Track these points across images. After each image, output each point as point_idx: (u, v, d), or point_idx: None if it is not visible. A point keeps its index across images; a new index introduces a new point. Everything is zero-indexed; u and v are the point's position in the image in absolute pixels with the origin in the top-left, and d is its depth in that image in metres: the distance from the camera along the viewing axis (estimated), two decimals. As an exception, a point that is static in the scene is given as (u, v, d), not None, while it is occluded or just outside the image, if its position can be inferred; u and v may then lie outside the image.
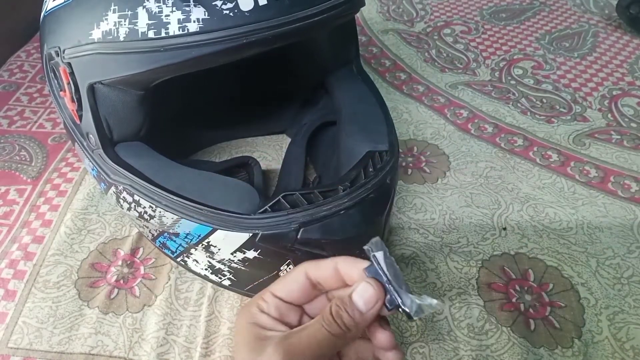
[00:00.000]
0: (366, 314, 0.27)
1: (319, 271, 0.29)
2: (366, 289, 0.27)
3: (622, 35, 0.77)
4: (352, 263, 0.29)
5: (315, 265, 0.30)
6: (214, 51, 0.31)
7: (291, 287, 0.30)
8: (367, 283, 0.27)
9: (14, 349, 0.38)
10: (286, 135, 0.57)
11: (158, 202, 0.35)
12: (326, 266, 0.29)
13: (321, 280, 0.29)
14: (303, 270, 0.30)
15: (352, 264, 0.29)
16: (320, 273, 0.29)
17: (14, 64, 0.70)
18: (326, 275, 0.29)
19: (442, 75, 0.68)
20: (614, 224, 0.47)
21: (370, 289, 0.27)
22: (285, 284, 0.30)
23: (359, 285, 0.27)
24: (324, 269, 0.29)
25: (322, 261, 0.30)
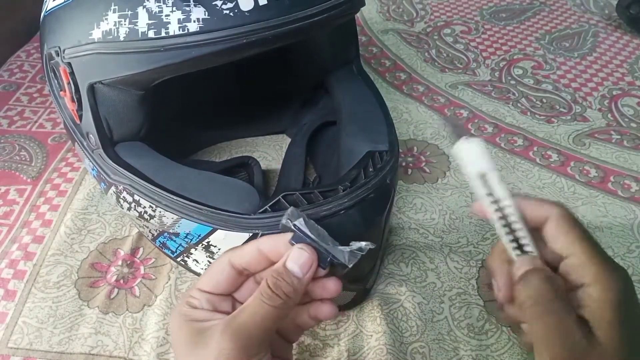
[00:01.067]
0: (303, 278, 0.27)
1: (242, 257, 0.29)
2: (300, 254, 0.27)
3: (622, 35, 0.77)
4: (274, 239, 0.29)
5: (238, 252, 0.29)
6: (214, 51, 0.31)
7: (217, 279, 0.29)
8: (298, 249, 0.27)
9: (14, 349, 0.38)
10: (286, 135, 0.57)
11: (158, 202, 0.36)
12: (249, 250, 0.29)
13: (246, 266, 0.29)
14: (226, 260, 0.29)
15: (274, 240, 0.29)
16: (244, 259, 0.29)
17: (14, 64, 0.70)
18: (250, 259, 0.29)
19: (442, 75, 0.68)
20: (614, 224, 0.47)
21: (304, 253, 0.27)
22: (211, 277, 0.29)
23: (291, 252, 0.27)
24: (247, 253, 0.29)
25: (243, 247, 0.30)
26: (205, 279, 0.30)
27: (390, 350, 0.37)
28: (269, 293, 0.27)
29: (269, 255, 0.29)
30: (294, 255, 0.27)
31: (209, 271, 0.30)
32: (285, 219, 0.29)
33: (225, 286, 0.30)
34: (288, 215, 0.29)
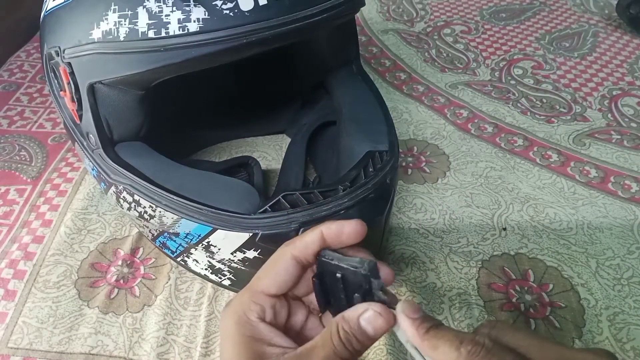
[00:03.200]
0: (375, 336, 0.26)
1: (307, 249, 0.28)
2: (375, 317, 0.26)
3: (622, 35, 0.77)
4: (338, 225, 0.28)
5: (301, 245, 0.28)
6: (214, 51, 0.31)
7: (283, 279, 0.28)
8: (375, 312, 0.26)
9: (14, 349, 0.38)
10: (286, 135, 0.57)
11: (158, 202, 0.35)
12: (312, 240, 0.28)
13: (310, 258, 0.28)
14: (289, 255, 0.28)
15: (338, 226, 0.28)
16: (308, 250, 0.28)
17: (14, 64, 0.70)
18: (314, 250, 0.28)
19: (442, 75, 0.68)
20: (614, 225, 0.47)
21: (380, 318, 0.26)
22: (276, 278, 0.28)
23: (367, 312, 0.26)
24: (311, 244, 0.28)
25: (304, 237, 0.29)
26: (269, 279, 0.28)
27: (390, 351, 0.37)
28: (340, 346, 0.26)
29: (329, 242, 0.28)
30: (370, 316, 0.26)
31: (271, 270, 0.29)
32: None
33: (289, 285, 0.28)
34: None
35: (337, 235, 0.28)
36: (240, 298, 0.28)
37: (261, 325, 0.27)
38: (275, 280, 0.28)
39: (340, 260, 0.27)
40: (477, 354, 0.22)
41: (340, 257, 0.28)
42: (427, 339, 0.24)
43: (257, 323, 0.27)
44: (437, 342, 0.23)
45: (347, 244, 0.28)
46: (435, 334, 0.24)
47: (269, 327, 0.27)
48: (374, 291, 0.26)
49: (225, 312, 0.28)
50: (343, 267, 0.27)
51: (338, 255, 0.28)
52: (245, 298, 0.28)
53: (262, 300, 0.28)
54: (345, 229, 0.28)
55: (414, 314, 0.25)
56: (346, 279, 0.27)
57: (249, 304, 0.28)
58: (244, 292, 0.29)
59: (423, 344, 0.24)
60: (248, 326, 0.27)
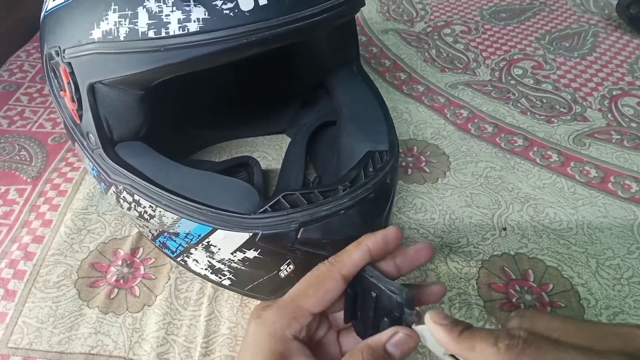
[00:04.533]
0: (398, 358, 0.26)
1: (355, 266, 0.28)
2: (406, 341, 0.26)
3: (622, 35, 0.77)
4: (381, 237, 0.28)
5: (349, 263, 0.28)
6: (214, 51, 0.31)
7: (331, 298, 0.28)
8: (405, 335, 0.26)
9: (14, 349, 0.38)
10: (286, 135, 0.57)
11: (158, 202, 0.35)
12: (360, 257, 0.28)
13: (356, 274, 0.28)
14: (338, 275, 0.28)
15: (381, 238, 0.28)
16: (357, 267, 0.28)
17: (14, 64, 0.70)
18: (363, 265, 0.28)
19: (442, 75, 0.68)
20: (614, 225, 0.47)
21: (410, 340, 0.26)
22: (324, 297, 0.28)
23: (397, 335, 0.26)
24: (359, 260, 0.28)
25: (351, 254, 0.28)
26: (316, 298, 0.28)
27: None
28: None
29: (375, 255, 0.28)
30: (398, 340, 0.26)
31: (319, 288, 0.28)
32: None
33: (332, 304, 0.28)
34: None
35: (384, 244, 0.28)
36: (279, 312, 0.27)
37: (294, 343, 0.27)
38: (323, 300, 0.28)
39: (379, 280, 0.27)
40: (516, 346, 0.22)
41: (380, 276, 0.27)
42: (461, 342, 0.24)
43: (291, 340, 0.27)
44: (472, 343, 0.23)
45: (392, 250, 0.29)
46: (469, 335, 0.24)
47: (300, 345, 0.27)
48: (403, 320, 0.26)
49: (258, 323, 0.27)
50: (381, 288, 0.27)
51: (378, 274, 0.28)
52: (286, 312, 0.27)
53: (304, 320, 0.27)
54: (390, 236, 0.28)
55: (444, 320, 0.25)
56: (379, 300, 0.27)
57: (290, 320, 0.27)
58: (284, 306, 0.28)
59: (459, 346, 0.24)
60: (281, 342, 0.26)
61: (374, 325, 0.28)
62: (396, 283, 0.27)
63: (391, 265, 0.30)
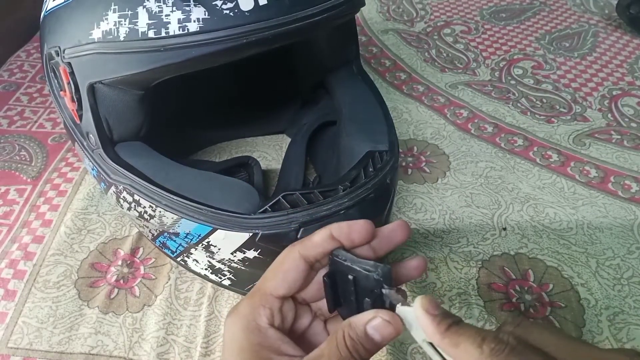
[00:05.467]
0: (382, 343, 0.26)
1: (316, 248, 0.27)
2: (384, 326, 0.25)
3: (622, 35, 0.77)
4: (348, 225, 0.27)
5: (310, 245, 0.28)
6: (214, 51, 0.31)
7: (292, 279, 0.27)
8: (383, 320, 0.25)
9: (14, 349, 0.38)
10: (286, 135, 0.57)
11: (158, 202, 0.35)
12: (321, 239, 0.27)
13: (320, 257, 0.28)
14: (297, 254, 0.27)
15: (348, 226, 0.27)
16: (317, 250, 0.27)
17: (14, 64, 0.70)
18: (324, 249, 0.27)
19: (442, 75, 0.68)
20: (614, 225, 0.47)
21: (389, 326, 0.25)
22: (285, 278, 0.27)
23: (375, 320, 0.25)
24: (321, 242, 0.27)
25: (312, 237, 0.28)
26: (277, 280, 0.27)
27: (390, 351, 0.37)
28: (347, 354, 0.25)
29: (341, 241, 0.28)
30: (377, 324, 0.25)
31: (279, 270, 0.28)
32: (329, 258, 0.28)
33: (298, 285, 0.27)
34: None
35: (348, 234, 0.27)
36: (248, 302, 0.27)
37: (270, 331, 0.26)
38: (284, 280, 0.27)
39: (354, 261, 0.27)
40: (501, 351, 0.21)
41: (353, 258, 0.27)
42: (447, 336, 0.23)
43: (266, 329, 0.26)
44: (458, 340, 0.22)
45: (358, 243, 0.28)
46: (456, 330, 0.23)
47: (277, 333, 0.26)
48: (385, 298, 0.26)
49: (231, 318, 0.27)
50: (355, 269, 0.27)
51: (351, 256, 0.27)
52: (254, 301, 0.27)
53: (270, 303, 0.27)
54: (356, 228, 0.27)
55: (434, 310, 0.24)
56: (358, 282, 0.27)
57: (258, 307, 0.27)
58: (251, 296, 0.28)
59: (443, 341, 0.23)
60: (257, 333, 0.26)
61: (357, 308, 0.27)
62: (370, 262, 0.26)
63: (365, 249, 0.29)
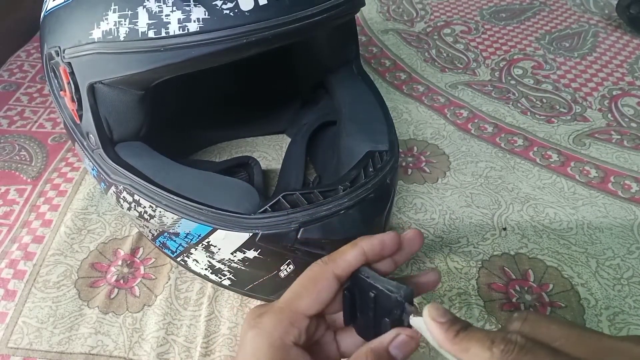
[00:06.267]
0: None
1: (350, 267, 0.28)
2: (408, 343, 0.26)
3: (622, 35, 0.77)
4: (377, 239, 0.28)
5: (343, 263, 0.28)
6: (214, 51, 0.31)
7: (325, 299, 0.27)
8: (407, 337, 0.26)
9: (14, 349, 0.38)
10: (286, 135, 0.57)
11: (158, 202, 0.35)
12: (355, 259, 0.28)
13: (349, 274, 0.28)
14: (331, 275, 0.27)
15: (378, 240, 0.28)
16: (351, 268, 0.28)
17: (14, 64, 0.70)
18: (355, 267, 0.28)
19: (442, 75, 0.68)
20: (614, 225, 0.47)
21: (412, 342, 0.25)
22: (318, 298, 0.27)
23: (399, 337, 0.26)
24: (354, 263, 0.28)
25: (345, 254, 0.28)
26: (310, 300, 0.27)
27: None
28: None
29: (370, 258, 0.28)
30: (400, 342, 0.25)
31: (312, 289, 0.27)
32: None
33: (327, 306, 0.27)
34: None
35: (381, 250, 0.28)
36: (276, 318, 0.27)
37: (294, 350, 0.26)
38: (317, 300, 0.27)
39: (377, 280, 0.27)
40: (510, 352, 0.21)
41: (376, 276, 0.27)
42: (457, 343, 0.23)
43: (291, 347, 0.26)
44: (467, 345, 0.22)
45: (387, 256, 0.28)
46: (465, 336, 0.23)
47: (300, 350, 0.26)
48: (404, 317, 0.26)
49: (255, 331, 0.26)
50: (378, 288, 0.27)
51: (374, 274, 0.27)
52: (282, 319, 0.26)
53: (301, 324, 0.27)
54: (387, 243, 0.28)
55: (442, 317, 0.24)
56: (378, 300, 0.27)
57: (288, 327, 0.26)
58: (280, 312, 0.27)
59: (453, 348, 0.23)
60: (282, 351, 0.26)
61: (374, 325, 0.28)
62: (393, 282, 0.27)
63: (388, 263, 0.29)
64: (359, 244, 0.28)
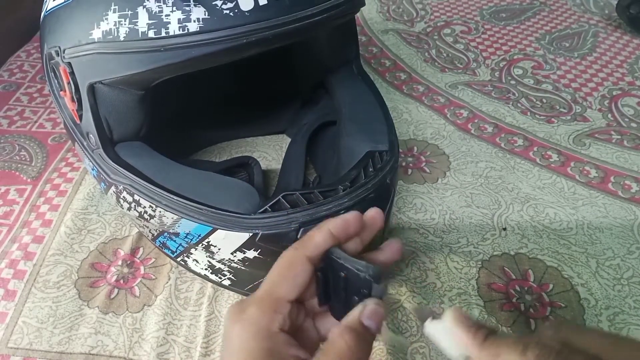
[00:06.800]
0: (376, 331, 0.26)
1: (318, 249, 0.28)
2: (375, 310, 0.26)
3: (622, 35, 0.77)
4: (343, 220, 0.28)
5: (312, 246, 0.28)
6: (214, 51, 0.31)
7: (302, 282, 0.27)
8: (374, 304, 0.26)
9: (14, 349, 0.38)
10: (286, 135, 0.57)
11: (158, 202, 0.35)
12: (323, 239, 0.28)
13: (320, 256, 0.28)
14: (303, 257, 0.27)
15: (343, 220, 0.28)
16: (320, 249, 0.28)
17: (14, 64, 0.70)
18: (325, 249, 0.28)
19: (442, 75, 0.68)
20: (614, 225, 0.47)
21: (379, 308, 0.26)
22: (296, 282, 0.27)
23: (366, 308, 0.26)
24: (323, 242, 0.28)
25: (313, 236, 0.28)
26: (288, 284, 0.27)
27: (390, 351, 0.37)
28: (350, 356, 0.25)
29: (338, 238, 0.28)
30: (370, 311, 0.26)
31: (288, 274, 0.27)
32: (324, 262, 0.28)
33: (305, 288, 0.27)
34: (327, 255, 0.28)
35: (345, 228, 0.28)
36: (258, 307, 0.27)
37: (280, 336, 0.26)
38: (295, 284, 0.27)
39: (347, 260, 0.27)
40: (547, 357, 0.20)
41: (347, 257, 0.28)
42: (486, 348, 0.22)
43: (277, 334, 0.26)
44: (498, 350, 0.22)
45: (354, 235, 0.29)
46: (495, 340, 0.22)
47: (286, 336, 0.26)
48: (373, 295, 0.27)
49: (239, 324, 0.26)
50: (348, 268, 0.27)
51: (345, 255, 0.28)
52: (264, 307, 0.26)
53: (283, 309, 0.27)
54: (351, 221, 0.28)
55: (467, 321, 0.24)
56: (349, 280, 0.28)
57: (272, 314, 0.26)
58: (260, 301, 0.27)
59: (482, 353, 0.22)
60: (268, 339, 0.26)
61: (346, 305, 0.28)
62: (362, 261, 0.27)
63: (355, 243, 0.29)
64: (325, 226, 0.28)
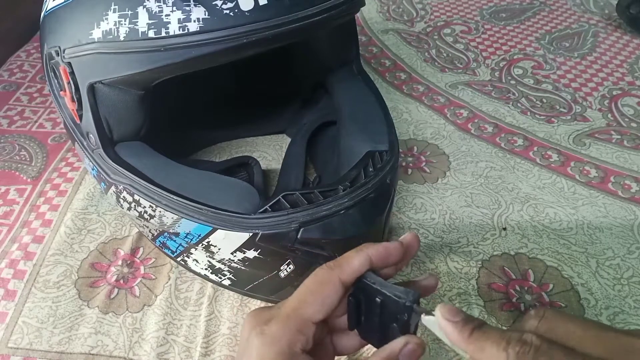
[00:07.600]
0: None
1: (355, 273, 0.27)
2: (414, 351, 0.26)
3: (622, 35, 0.77)
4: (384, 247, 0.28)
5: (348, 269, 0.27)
6: (214, 51, 0.31)
7: (331, 304, 0.27)
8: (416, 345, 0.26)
9: (14, 349, 0.38)
10: (286, 135, 0.57)
11: (158, 202, 0.35)
12: (360, 263, 0.28)
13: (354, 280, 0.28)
14: (337, 280, 0.27)
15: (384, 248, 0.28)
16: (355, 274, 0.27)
17: (14, 64, 0.70)
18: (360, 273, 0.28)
19: (442, 75, 0.68)
20: (614, 225, 0.47)
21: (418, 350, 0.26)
22: (325, 304, 0.27)
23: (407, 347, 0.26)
24: (359, 267, 0.27)
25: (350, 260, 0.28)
26: (317, 306, 0.27)
27: None
28: None
29: (376, 265, 0.28)
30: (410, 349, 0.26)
31: (318, 296, 0.27)
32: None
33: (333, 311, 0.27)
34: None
35: (385, 257, 0.28)
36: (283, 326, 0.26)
37: (301, 357, 0.26)
38: (324, 306, 0.27)
39: (383, 286, 0.27)
40: (526, 353, 0.21)
41: (382, 282, 0.27)
42: (472, 342, 0.23)
43: (299, 355, 0.26)
44: (483, 344, 0.22)
45: (393, 264, 0.29)
46: (480, 335, 0.23)
47: (307, 357, 0.26)
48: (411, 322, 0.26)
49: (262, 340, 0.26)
50: (385, 294, 0.27)
51: (380, 280, 0.28)
52: (289, 326, 0.26)
53: (308, 331, 0.26)
54: (393, 252, 0.28)
55: (455, 317, 0.24)
56: (385, 306, 0.27)
57: (296, 334, 0.26)
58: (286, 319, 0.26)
59: (469, 347, 0.23)
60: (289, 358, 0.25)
61: (380, 330, 0.28)
62: (400, 287, 0.27)
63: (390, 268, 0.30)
64: (365, 251, 0.28)
